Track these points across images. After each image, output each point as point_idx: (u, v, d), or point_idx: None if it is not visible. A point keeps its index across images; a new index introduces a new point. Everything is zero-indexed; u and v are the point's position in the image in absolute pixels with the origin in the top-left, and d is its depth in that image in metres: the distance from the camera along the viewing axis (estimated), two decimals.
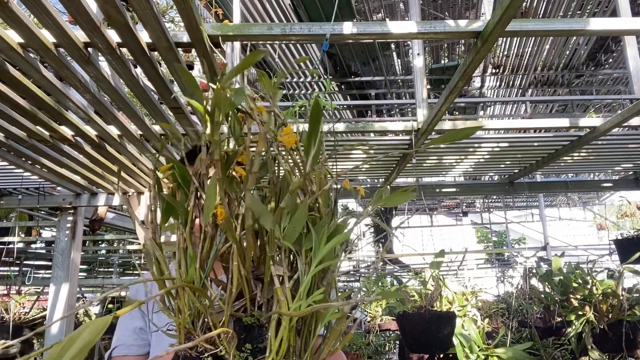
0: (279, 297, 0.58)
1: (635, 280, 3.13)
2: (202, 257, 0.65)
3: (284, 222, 0.61)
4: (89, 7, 1.19)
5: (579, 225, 12.01)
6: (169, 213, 0.69)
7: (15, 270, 5.84)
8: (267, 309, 0.62)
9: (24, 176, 2.99)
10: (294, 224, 0.60)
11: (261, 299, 0.62)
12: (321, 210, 0.67)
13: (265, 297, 0.62)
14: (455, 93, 1.85)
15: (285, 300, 0.58)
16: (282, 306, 0.58)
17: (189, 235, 0.65)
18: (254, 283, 0.64)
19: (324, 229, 0.62)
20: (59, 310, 2.89)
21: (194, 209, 0.66)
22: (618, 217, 5.58)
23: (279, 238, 0.61)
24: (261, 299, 0.62)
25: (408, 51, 5.68)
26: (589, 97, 6.08)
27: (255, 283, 0.64)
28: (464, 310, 2.86)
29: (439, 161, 3.15)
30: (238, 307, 0.62)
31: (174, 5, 1.53)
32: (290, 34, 1.53)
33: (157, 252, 0.67)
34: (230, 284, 0.61)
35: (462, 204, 11.23)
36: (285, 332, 0.57)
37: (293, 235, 0.61)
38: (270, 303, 0.62)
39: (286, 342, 0.57)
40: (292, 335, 0.59)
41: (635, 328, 2.52)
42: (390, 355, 6.50)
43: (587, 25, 1.55)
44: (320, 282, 0.66)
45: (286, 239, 0.60)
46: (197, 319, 0.62)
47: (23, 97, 1.67)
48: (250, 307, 0.62)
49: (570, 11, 4.77)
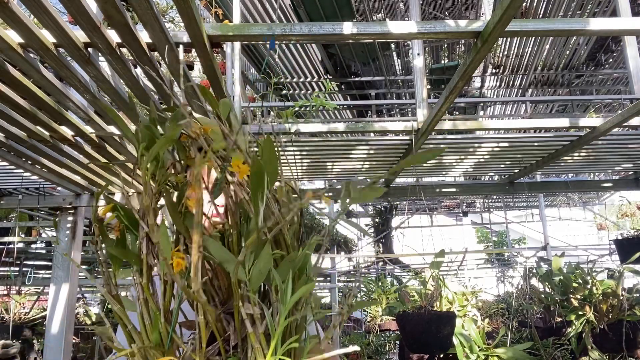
0: (252, 343, 0.54)
1: (635, 280, 3.13)
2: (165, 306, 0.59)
3: (247, 263, 0.56)
4: (89, 7, 1.19)
5: (579, 225, 12.00)
6: (120, 261, 0.63)
7: (16, 271, 5.84)
8: (242, 348, 0.57)
9: (24, 176, 2.99)
10: (258, 266, 0.55)
11: (235, 339, 0.58)
12: (287, 241, 0.61)
13: (239, 336, 0.58)
14: (455, 93, 1.85)
15: (260, 347, 0.54)
16: (256, 354, 0.54)
17: (147, 287, 0.59)
18: (225, 319, 0.59)
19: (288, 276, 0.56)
20: (59, 310, 2.89)
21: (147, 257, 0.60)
22: (618, 217, 5.58)
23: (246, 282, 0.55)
24: (235, 339, 0.58)
25: (408, 51, 5.68)
26: (589, 97, 6.08)
27: (226, 318, 0.59)
28: (464, 310, 2.86)
29: (439, 161, 3.15)
30: (211, 351, 0.58)
31: (174, 5, 1.53)
32: (290, 34, 1.53)
33: (115, 307, 0.61)
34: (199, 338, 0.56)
35: (462, 204, 11.23)
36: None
37: (260, 278, 0.56)
38: (244, 343, 0.58)
39: None
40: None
41: (635, 328, 2.52)
42: (390, 355, 6.50)
43: (587, 25, 1.55)
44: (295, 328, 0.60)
45: (252, 283, 0.55)
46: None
47: (23, 97, 1.68)
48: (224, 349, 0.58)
49: (570, 11, 4.77)
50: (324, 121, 5.62)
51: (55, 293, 2.94)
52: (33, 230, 5.33)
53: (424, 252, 7.86)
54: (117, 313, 0.60)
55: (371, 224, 8.41)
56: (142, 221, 0.59)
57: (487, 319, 3.30)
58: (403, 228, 9.23)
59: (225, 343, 0.58)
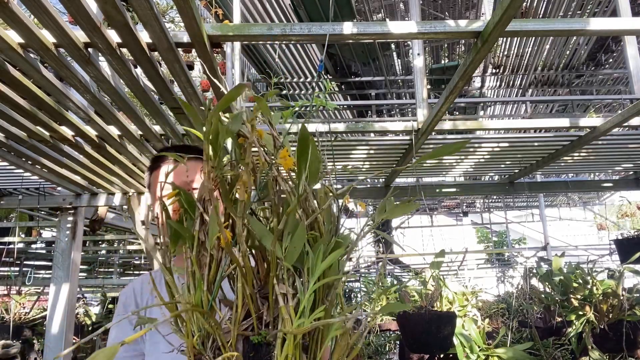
0: (283, 315, 0.60)
1: (635, 280, 3.13)
2: (209, 279, 0.67)
3: (285, 242, 0.62)
4: (89, 7, 1.19)
5: (579, 225, 12.01)
6: (177, 238, 0.71)
7: (16, 271, 5.85)
8: (274, 327, 0.63)
9: (24, 176, 2.99)
10: (294, 243, 0.62)
11: (268, 317, 0.64)
12: (321, 229, 0.68)
13: (271, 315, 0.64)
14: (455, 93, 1.85)
15: (289, 318, 0.59)
16: (285, 324, 0.59)
17: (195, 259, 0.67)
18: (261, 301, 0.66)
19: (320, 247, 0.63)
20: (59, 310, 2.89)
21: (199, 233, 0.68)
22: (618, 217, 5.58)
23: (281, 258, 0.62)
24: (268, 317, 0.64)
25: (408, 51, 5.68)
26: (589, 97, 6.08)
27: (261, 301, 0.66)
28: (464, 310, 2.86)
29: (439, 161, 3.15)
30: (246, 326, 0.64)
31: (174, 5, 1.54)
32: (290, 34, 1.53)
33: (167, 277, 0.69)
34: (236, 305, 0.63)
35: (462, 204, 11.23)
36: (289, 349, 0.58)
37: (294, 255, 0.62)
38: (276, 321, 0.63)
39: (291, 358, 0.59)
40: (297, 352, 0.60)
41: (636, 328, 2.51)
42: (391, 356, 6.50)
43: (587, 25, 1.55)
44: (325, 298, 0.67)
45: (287, 259, 0.62)
46: (207, 339, 0.64)
47: (23, 98, 1.68)
48: (257, 326, 0.64)
49: (570, 11, 4.77)
50: (324, 121, 5.62)
51: (55, 293, 2.94)
52: (33, 230, 5.33)
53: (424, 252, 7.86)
54: (167, 283, 0.69)
55: None
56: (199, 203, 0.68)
57: (487, 319, 3.30)
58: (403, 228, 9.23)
59: (259, 322, 0.64)
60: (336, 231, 0.71)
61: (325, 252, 0.64)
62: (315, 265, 0.62)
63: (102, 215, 3.47)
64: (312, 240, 0.66)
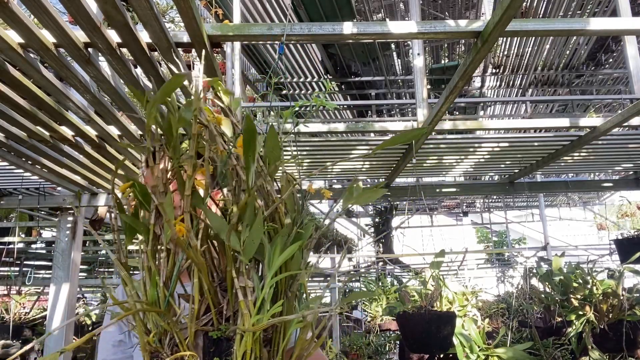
0: (242, 310, 0.58)
1: (635, 280, 3.13)
2: (167, 274, 0.64)
3: (243, 235, 0.60)
4: (89, 7, 1.19)
5: (579, 225, 12.00)
6: (133, 231, 0.68)
7: (16, 271, 5.84)
8: (234, 321, 0.61)
9: (24, 176, 2.99)
10: (252, 236, 0.59)
11: (228, 311, 0.62)
12: (282, 219, 0.66)
13: (232, 309, 0.62)
14: (455, 93, 1.84)
15: (248, 313, 0.58)
16: (244, 320, 0.57)
17: (151, 254, 0.64)
18: (221, 294, 0.63)
19: (277, 240, 0.61)
20: (59, 310, 2.89)
21: (154, 227, 0.65)
22: (618, 217, 5.58)
23: (239, 251, 0.60)
24: (228, 311, 0.62)
25: (408, 51, 5.68)
26: (589, 97, 6.08)
27: (222, 294, 0.63)
28: (464, 310, 2.86)
29: (439, 161, 3.15)
30: (206, 321, 0.62)
31: (174, 5, 1.53)
32: (290, 34, 1.52)
33: (122, 272, 0.66)
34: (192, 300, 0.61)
35: (462, 204, 11.23)
36: (248, 345, 0.57)
37: (252, 248, 0.60)
38: (237, 315, 0.61)
39: (250, 354, 0.57)
40: (257, 347, 0.58)
41: (636, 328, 2.51)
42: (391, 355, 6.50)
43: (587, 25, 1.55)
44: (287, 289, 0.65)
45: (245, 252, 0.60)
46: (165, 336, 0.62)
47: (23, 97, 1.67)
48: (217, 320, 0.62)
49: (571, 11, 4.77)
50: (324, 121, 5.62)
51: (55, 293, 2.94)
52: (33, 230, 5.32)
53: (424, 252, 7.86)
54: (123, 279, 0.66)
55: (371, 224, 8.41)
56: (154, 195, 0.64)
57: (487, 319, 3.30)
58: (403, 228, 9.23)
59: (219, 316, 0.62)
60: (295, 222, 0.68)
61: (285, 244, 0.62)
62: (272, 259, 0.60)
63: (102, 215, 3.47)
64: (274, 232, 0.64)
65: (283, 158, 0.67)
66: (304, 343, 0.65)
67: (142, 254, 0.65)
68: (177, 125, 0.63)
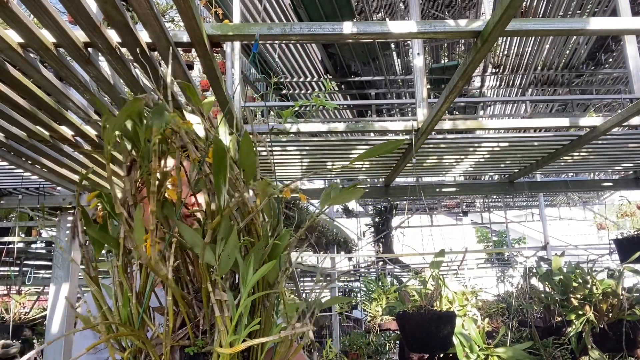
0: (219, 327, 0.56)
1: (635, 279, 3.13)
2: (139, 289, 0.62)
3: (218, 249, 0.58)
4: (89, 7, 1.19)
5: (579, 224, 12.00)
6: (101, 245, 0.65)
7: (16, 271, 5.84)
8: (211, 334, 0.60)
9: (24, 176, 2.98)
10: (227, 251, 0.57)
11: (204, 325, 0.60)
12: (259, 231, 0.64)
13: (208, 322, 0.60)
14: (455, 93, 1.85)
15: (225, 330, 0.56)
16: (222, 337, 0.56)
17: (121, 270, 0.61)
18: (198, 306, 0.62)
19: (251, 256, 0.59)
20: (59, 310, 2.89)
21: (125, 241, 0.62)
22: (618, 217, 5.58)
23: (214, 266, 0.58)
24: (204, 324, 0.60)
25: (408, 51, 5.68)
26: (589, 96, 6.07)
27: (199, 306, 0.61)
28: (464, 310, 2.86)
29: (439, 161, 3.15)
30: (181, 335, 0.60)
31: (174, 5, 1.53)
32: (290, 34, 1.53)
33: (93, 288, 0.63)
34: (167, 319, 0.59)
35: (462, 204, 11.22)
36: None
37: (228, 264, 0.58)
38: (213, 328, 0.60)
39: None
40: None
41: (635, 327, 2.52)
42: (391, 355, 6.51)
43: (587, 24, 1.55)
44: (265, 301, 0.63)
45: (221, 268, 0.58)
46: (140, 354, 0.60)
47: (23, 97, 1.67)
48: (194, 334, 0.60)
49: (570, 11, 4.77)
50: (324, 121, 5.62)
51: (55, 293, 2.94)
52: (33, 230, 5.33)
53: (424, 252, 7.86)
54: (94, 294, 0.62)
55: (371, 224, 8.41)
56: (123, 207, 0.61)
57: (487, 319, 3.30)
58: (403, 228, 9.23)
59: (196, 329, 0.60)
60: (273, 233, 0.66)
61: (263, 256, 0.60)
62: (246, 276, 0.58)
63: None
64: (250, 245, 0.62)
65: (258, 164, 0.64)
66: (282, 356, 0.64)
67: (113, 268, 0.62)
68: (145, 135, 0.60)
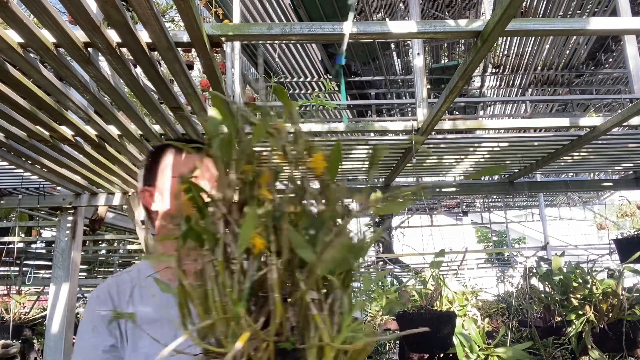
0: (317, 323, 0.57)
1: (635, 279, 3.13)
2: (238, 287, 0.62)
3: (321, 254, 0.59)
4: (89, 7, 1.19)
5: (579, 224, 12.01)
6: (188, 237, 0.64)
7: (16, 270, 5.85)
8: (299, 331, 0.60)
9: (24, 176, 2.99)
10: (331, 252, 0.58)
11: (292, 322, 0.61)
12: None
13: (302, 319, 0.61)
14: (455, 93, 1.84)
15: (326, 328, 0.57)
16: (322, 334, 0.56)
17: (221, 264, 0.61)
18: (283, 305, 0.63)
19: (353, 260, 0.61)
20: (59, 310, 2.89)
21: (224, 236, 0.62)
22: (618, 217, 5.58)
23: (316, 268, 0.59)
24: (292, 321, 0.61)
25: (408, 51, 5.68)
26: (589, 96, 6.08)
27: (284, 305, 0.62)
28: (464, 310, 2.86)
29: (439, 161, 3.15)
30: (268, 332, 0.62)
31: (174, 5, 1.54)
32: (290, 34, 1.52)
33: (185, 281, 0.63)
34: (273, 316, 0.59)
35: (462, 204, 11.23)
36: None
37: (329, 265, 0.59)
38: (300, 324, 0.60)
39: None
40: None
41: (636, 327, 2.52)
42: (391, 355, 6.51)
43: (587, 24, 1.55)
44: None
45: (322, 268, 0.59)
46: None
47: (23, 97, 1.68)
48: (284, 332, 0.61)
49: (570, 11, 4.77)
50: (324, 121, 5.61)
51: (55, 293, 2.94)
52: (33, 230, 5.33)
53: (424, 252, 7.86)
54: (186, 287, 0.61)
55: (371, 224, 8.42)
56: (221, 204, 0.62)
57: (487, 319, 3.30)
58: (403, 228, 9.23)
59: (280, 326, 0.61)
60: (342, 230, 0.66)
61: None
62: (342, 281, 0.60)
63: (102, 215, 3.47)
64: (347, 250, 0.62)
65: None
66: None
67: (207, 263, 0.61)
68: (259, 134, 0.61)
